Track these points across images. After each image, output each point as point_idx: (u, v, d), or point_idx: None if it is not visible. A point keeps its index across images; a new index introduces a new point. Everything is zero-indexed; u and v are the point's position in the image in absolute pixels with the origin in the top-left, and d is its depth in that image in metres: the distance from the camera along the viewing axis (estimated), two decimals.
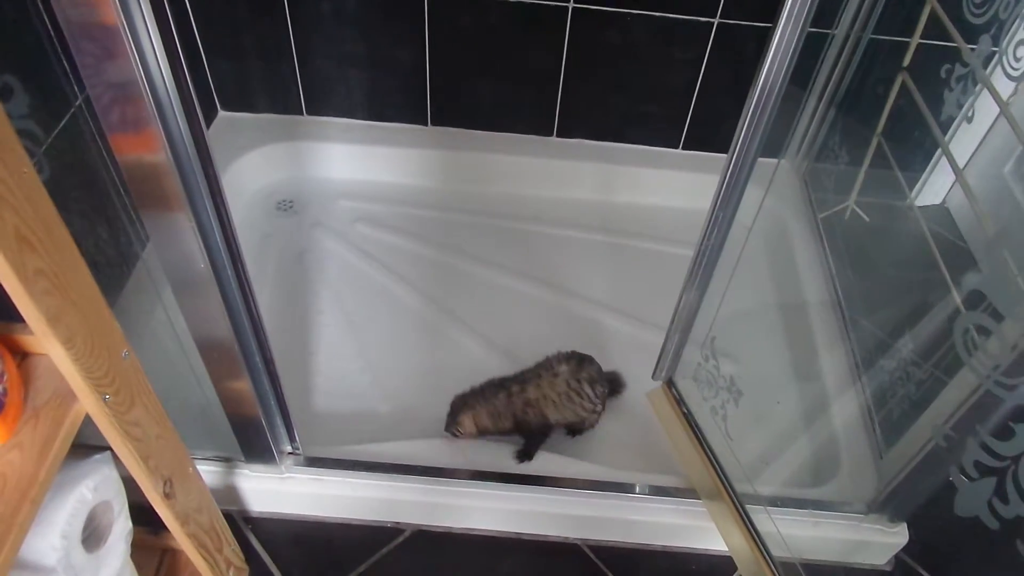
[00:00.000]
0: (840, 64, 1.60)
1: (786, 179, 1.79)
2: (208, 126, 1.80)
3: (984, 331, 0.74)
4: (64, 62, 0.98)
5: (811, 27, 1.55)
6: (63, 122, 1.00)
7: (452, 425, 1.33)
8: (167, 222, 0.83)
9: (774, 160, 1.80)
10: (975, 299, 0.84)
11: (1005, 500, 0.66)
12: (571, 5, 1.58)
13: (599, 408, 1.35)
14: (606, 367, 1.40)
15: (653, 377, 1.34)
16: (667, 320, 1.23)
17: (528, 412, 1.31)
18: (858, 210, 1.65)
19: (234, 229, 0.88)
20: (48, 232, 0.64)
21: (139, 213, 0.82)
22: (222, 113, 1.87)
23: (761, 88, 0.92)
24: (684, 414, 1.28)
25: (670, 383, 1.31)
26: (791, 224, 1.69)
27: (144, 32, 0.68)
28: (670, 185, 1.83)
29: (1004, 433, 0.67)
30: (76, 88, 0.77)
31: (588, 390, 1.32)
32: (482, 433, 1.33)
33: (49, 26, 0.94)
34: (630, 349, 1.53)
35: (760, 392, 1.35)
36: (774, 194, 1.74)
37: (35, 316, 0.64)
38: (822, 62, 1.63)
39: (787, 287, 1.60)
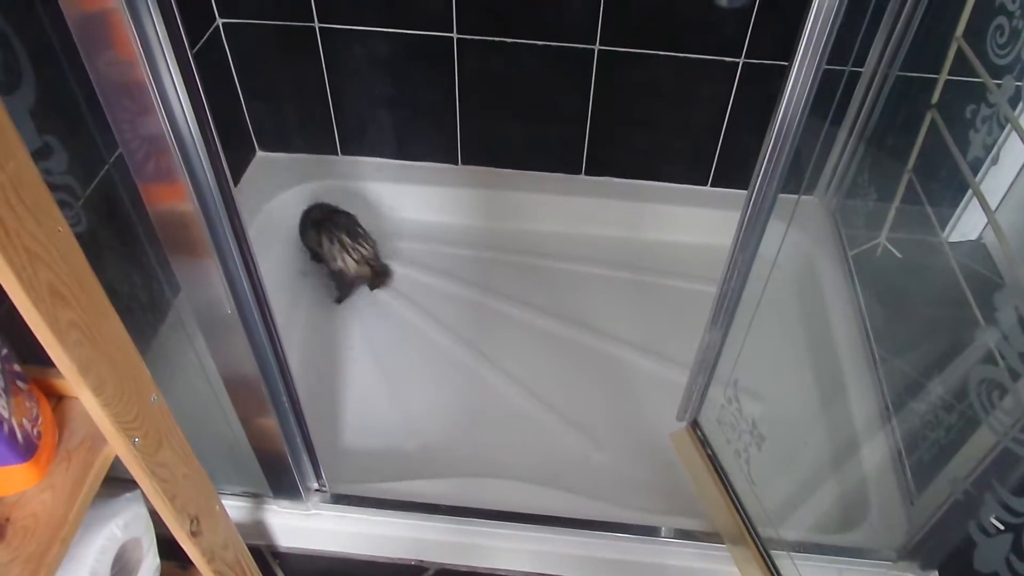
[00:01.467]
0: (868, 101, 1.60)
1: (816, 216, 1.78)
2: (246, 166, 1.88)
3: (1000, 387, 0.73)
4: (94, 120, 1.03)
5: (839, 65, 1.56)
6: (99, 177, 1.05)
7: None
8: (195, 269, 0.87)
9: (804, 197, 1.81)
10: (999, 349, 0.83)
11: (1022, 558, 0.64)
12: (597, 47, 1.61)
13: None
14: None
15: (677, 418, 1.33)
16: (693, 359, 1.23)
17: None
18: (890, 247, 1.63)
19: (260, 275, 0.91)
20: (81, 285, 0.67)
21: (169, 260, 0.86)
22: (260, 153, 1.93)
23: (779, 126, 0.93)
24: (709, 456, 1.27)
25: (694, 424, 1.31)
26: (821, 261, 1.67)
27: (172, 90, 0.72)
28: (699, 222, 1.83)
29: (1022, 490, 0.66)
30: (109, 145, 0.81)
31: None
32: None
33: (73, 83, 0.99)
34: (657, 388, 1.53)
35: (786, 434, 1.33)
36: (804, 231, 1.74)
37: (67, 365, 0.67)
38: (851, 99, 1.63)
39: (816, 325, 1.58)
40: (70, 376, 0.68)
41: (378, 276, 1.74)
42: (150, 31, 0.67)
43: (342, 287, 1.72)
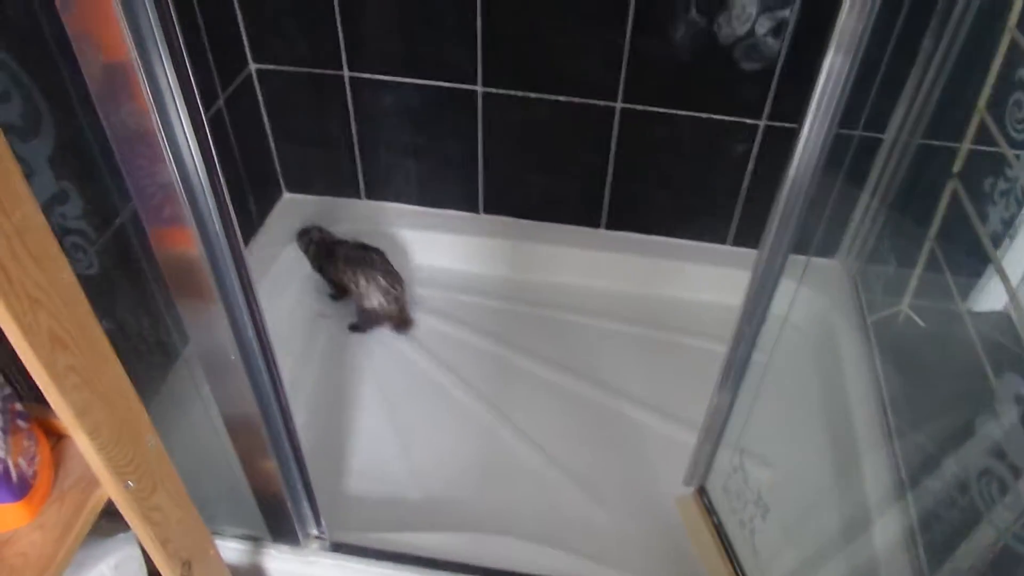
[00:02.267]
0: (890, 167, 1.59)
1: (836, 279, 1.75)
2: (273, 206, 1.92)
3: (1001, 482, 0.70)
4: (109, 167, 1.06)
5: (859, 130, 1.55)
6: (114, 223, 1.08)
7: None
8: (201, 314, 0.88)
9: (824, 260, 1.80)
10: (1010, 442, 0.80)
11: None
12: (619, 105, 1.63)
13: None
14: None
15: (684, 483, 1.31)
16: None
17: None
18: (912, 314, 1.60)
19: (265, 323, 0.92)
20: (82, 331, 0.69)
21: (176, 305, 0.87)
22: (286, 195, 1.97)
23: (788, 190, 0.93)
24: (714, 524, 1.24)
25: (701, 490, 1.28)
26: (839, 326, 1.65)
27: (183, 140, 0.74)
28: (718, 281, 1.82)
29: None
30: (124, 192, 0.84)
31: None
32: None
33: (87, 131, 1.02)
34: (666, 449, 1.51)
35: (794, 504, 1.30)
36: (823, 294, 1.72)
37: (63, 408, 0.68)
38: (872, 163, 1.62)
39: (831, 392, 1.55)
40: (65, 419, 0.69)
41: (405, 319, 1.76)
42: (163, 83, 0.69)
43: (366, 322, 1.75)
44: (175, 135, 0.73)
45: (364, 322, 1.75)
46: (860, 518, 1.29)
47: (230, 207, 0.80)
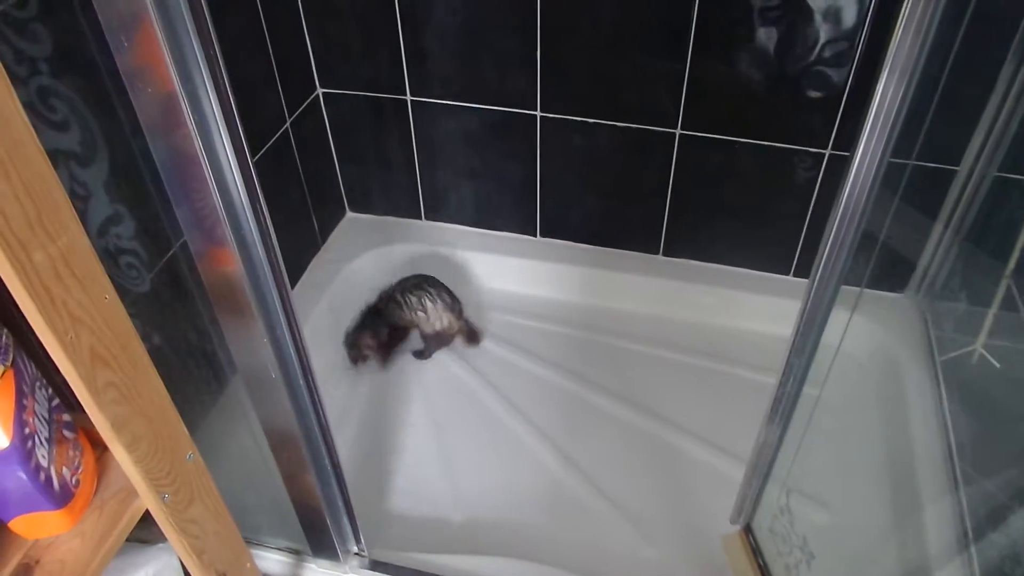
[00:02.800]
0: (964, 200, 1.51)
1: (905, 315, 1.68)
2: (335, 225, 1.97)
3: None
4: (158, 191, 1.11)
5: (935, 163, 1.49)
6: (171, 251, 1.13)
7: (354, 352, 1.70)
8: (243, 333, 0.91)
9: (893, 294, 1.72)
10: None
11: None
12: (678, 132, 1.60)
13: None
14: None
15: (731, 520, 1.27)
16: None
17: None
18: (987, 354, 1.51)
19: (305, 343, 0.94)
20: (123, 348, 0.72)
21: (220, 325, 0.90)
22: (349, 214, 2.02)
23: (839, 220, 0.90)
24: (760, 566, 1.20)
25: (747, 529, 1.24)
26: (905, 364, 1.57)
27: (226, 166, 0.77)
28: (779, 312, 1.74)
29: None
30: (174, 216, 0.89)
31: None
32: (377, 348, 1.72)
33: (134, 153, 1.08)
34: (714, 484, 1.47)
35: (843, 553, 1.24)
36: (889, 330, 1.65)
37: (102, 422, 0.71)
38: (946, 196, 1.55)
39: (892, 433, 1.48)
40: (104, 432, 0.72)
41: (475, 330, 1.78)
42: (207, 113, 0.72)
43: (434, 346, 1.76)
44: (219, 161, 0.76)
45: (431, 347, 1.76)
46: (915, 572, 1.22)
47: (271, 230, 0.83)
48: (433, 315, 1.70)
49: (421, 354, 1.77)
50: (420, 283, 1.71)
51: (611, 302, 1.86)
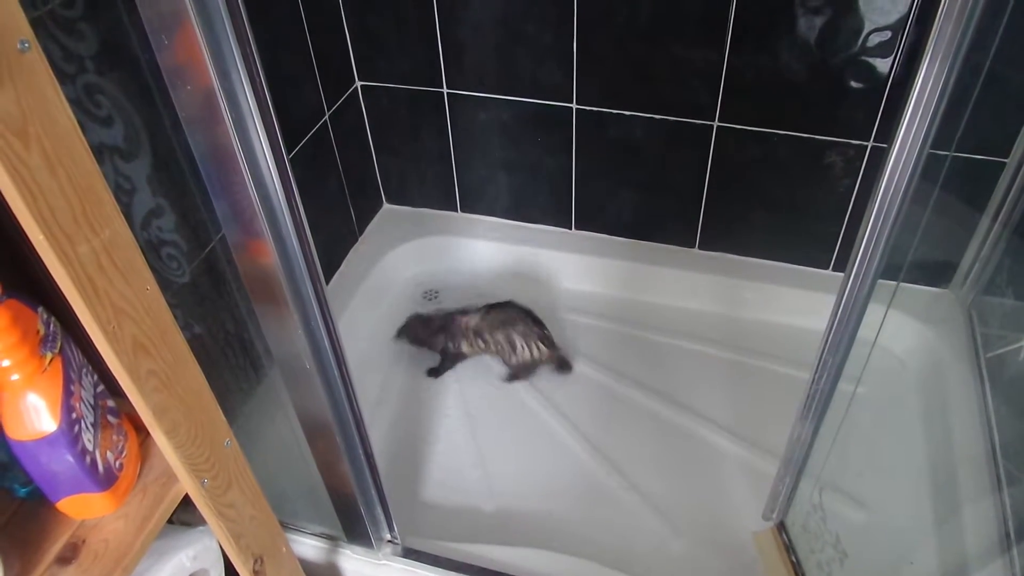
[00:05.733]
0: (1013, 193, 1.47)
1: (949, 310, 1.64)
2: (373, 216, 1.99)
3: None
4: (198, 185, 1.14)
5: (984, 155, 1.45)
6: (210, 246, 1.16)
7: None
8: (278, 324, 0.93)
9: (937, 289, 1.68)
10: None
11: None
12: (715, 124, 1.59)
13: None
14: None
15: (764, 517, 1.26)
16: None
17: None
18: None
19: (338, 334, 0.96)
20: (163, 338, 0.74)
21: (257, 316, 0.92)
22: (386, 206, 2.04)
23: (877, 210, 0.88)
24: (792, 563, 1.19)
25: (780, 526, 1.23)
26: (948, 361, 1.54)
27: (262, 159, 0.78)
28: (817, 307, 1.72)
29: None
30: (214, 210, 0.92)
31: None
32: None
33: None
34: (747, 479, 1.46)
35: (878, 552, 1.22)
36: (932, 326, 1.61)
37: (144, 409, 0.74)
38: (994, 189, 1.51)
39: (933, 432, 1.45)
40: (146, 418, 0.75)
41: (564, 358, 1.72)
42: (244, 109, 0.74)
43: (523, 372, 1.70)
44: (255, 156, 0.78)
45: (522, 372, 1.70)
46: (953, 574, 1.20)
47: (305, 224, 0.84)
48: (528, 346, 1.65)
49: (435, 372, 1.73)
50: (505, 318, 1.66)
51: (646, 295, 1.86)
